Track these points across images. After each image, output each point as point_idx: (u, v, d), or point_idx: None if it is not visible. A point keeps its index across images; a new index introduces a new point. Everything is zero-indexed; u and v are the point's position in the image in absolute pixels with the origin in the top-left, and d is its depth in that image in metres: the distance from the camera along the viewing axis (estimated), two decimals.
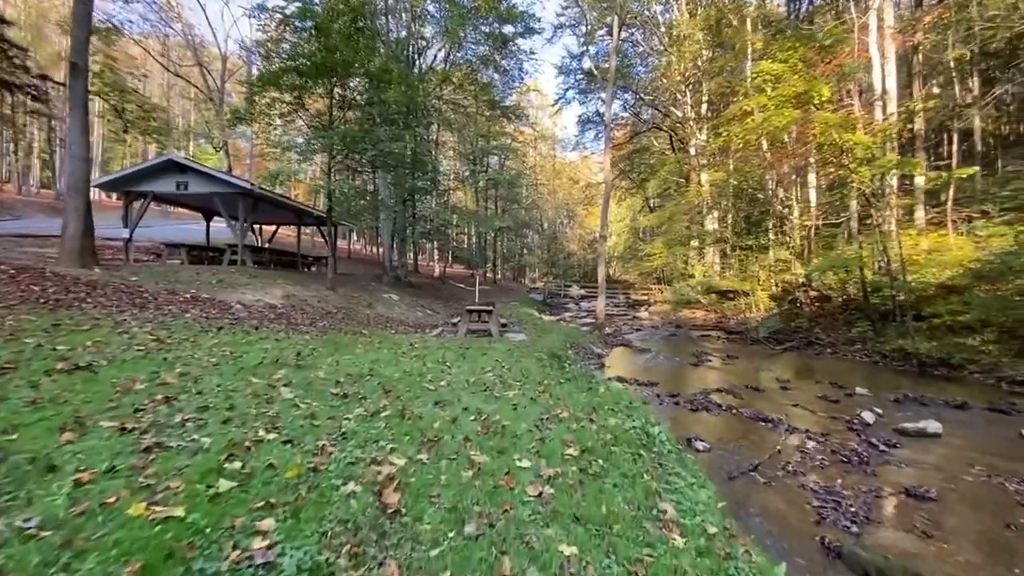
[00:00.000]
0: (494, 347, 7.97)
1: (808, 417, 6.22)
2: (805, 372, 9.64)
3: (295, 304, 10.13)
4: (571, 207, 56.16)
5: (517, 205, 43.89)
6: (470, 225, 38.00)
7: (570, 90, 31.55)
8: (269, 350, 5.28)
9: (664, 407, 6.59)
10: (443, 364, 5.84)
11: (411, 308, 14.25)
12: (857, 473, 4.43)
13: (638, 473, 2.77)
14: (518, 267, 52.21)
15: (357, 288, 14.48)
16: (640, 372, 9.35)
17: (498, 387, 4.71)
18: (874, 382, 8.53)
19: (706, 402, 6.78)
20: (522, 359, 6.84)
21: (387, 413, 3.45)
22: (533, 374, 5.64)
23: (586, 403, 4.35)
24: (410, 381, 4.59)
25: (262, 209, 14.78)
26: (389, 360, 5.68)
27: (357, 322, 10.12)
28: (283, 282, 11.76)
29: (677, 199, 23.71)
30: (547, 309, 25.02)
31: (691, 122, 25.35)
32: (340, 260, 27.79)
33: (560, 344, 10.23)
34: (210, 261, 14.40)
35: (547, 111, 48.51)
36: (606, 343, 13.17)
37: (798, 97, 10.28)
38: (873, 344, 11.82)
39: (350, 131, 11.20)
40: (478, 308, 9.85)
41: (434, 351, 6.87)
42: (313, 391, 3.84)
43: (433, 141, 26.10)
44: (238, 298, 9.34)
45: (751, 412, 6.26)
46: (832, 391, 7.69)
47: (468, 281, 28.23)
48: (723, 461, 4.67)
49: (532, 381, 5.17)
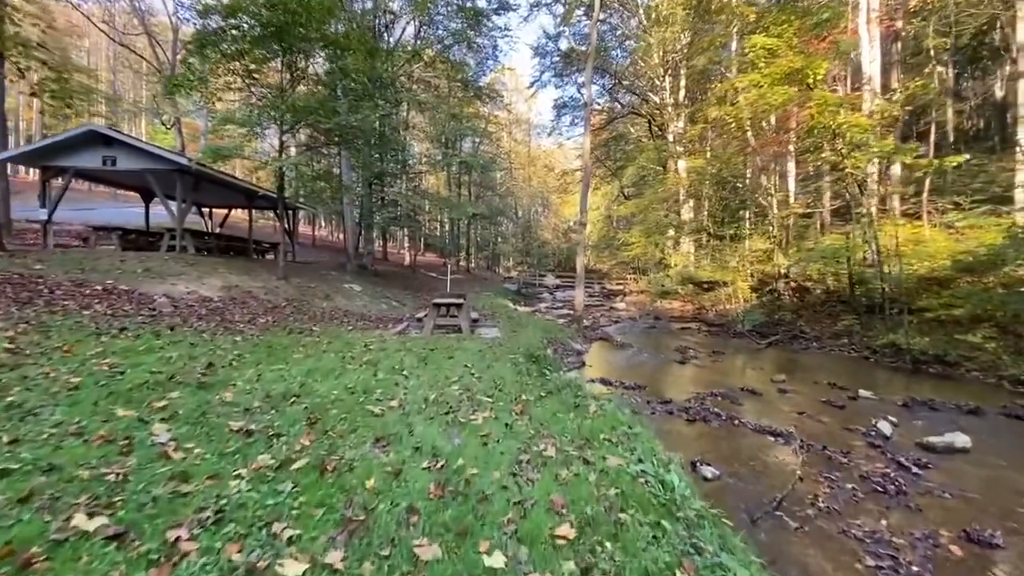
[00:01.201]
0: (464, 346, 6.99)
1: (818, 428, 5.49)
2: (798, 370, 9.02)
3: (236, 297, 8.88)
4: (546, 195, 55.34)
5: (491, 192, 42.67)
6: (442, 212, 36.68)
7: (546, 72, 30.42)
8: (172, 360, 4.15)
9: (658, 417, 5.76)
10: (399, 373, 4.83)
11: (375, 300, 13.08)
12: (899, 509, 3.67)
13: (667, 568, 1.85)
14: (492, 256, 51.13)
15: (315, 278, 13.20)
16: (625, 372, 8.54)
17: (464, 407, 3.74)
18: (873, 382, 7.94)
19: (703, 410, 5.98)
20: (495, 363, 5.88)
21: (302, 463, 2.43)
22: (508, 385, 4.69)
23: (575, 430, 3.42)
24: (350, 403, 3.57)
25: (205, 190, 13.28)
26: (332, 370, 4.63)
27: (308, 317, 8.95)
28: (226, 271, 10.43)
29: (655, 187, 23.04)
30: (522, 300, 24.12)
31: (669, 108, 24.69)
32: (303, 247, 26.14)
33: (537, 341, 9.32)
34: (148, 247, 12.87)
35: (522, 95, 47.25)
36: (585, 337, 12.35)
37: (792, 75, 9.53)
38: (860, 338, 11.38)
39: (300, 99, 9.88)
40: (446, 301, 8.83)
41: (391, 354, 5.83)
42: (206, 427, 2.78)
43: (403, 122, 24.65)
44: (165, 290, 8.03)
45: (756, 423, 5.49)
46: (833, 394, 7.03)
47: (440, 270, 27.02)
48: (738, 493, 3.85)
49: (507, 396, 4.22)
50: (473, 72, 25.85)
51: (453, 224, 35.11)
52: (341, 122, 9.89)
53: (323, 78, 13.78)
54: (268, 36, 10.07)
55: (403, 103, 22.27)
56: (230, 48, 10.74)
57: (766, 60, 9.49)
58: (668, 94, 25.01)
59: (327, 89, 12.98)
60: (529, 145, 51.14)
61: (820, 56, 9.28)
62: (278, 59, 10.78)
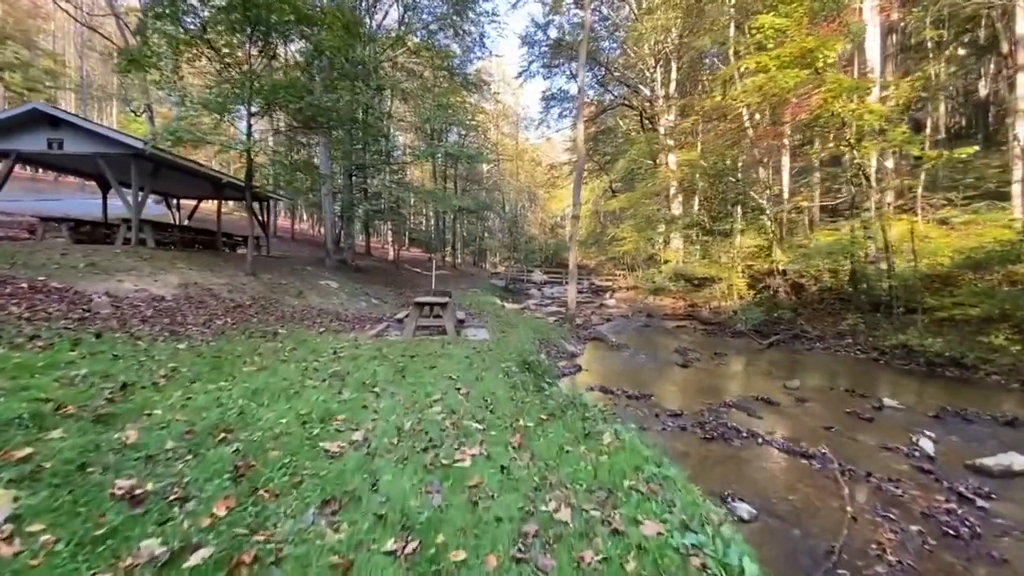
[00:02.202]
0: (449, 352, 6.20)
1: (853, 447, 4.83)
2: (808, 375, 8.42)
3: (193, 295, 7.93)
4: (533, 190, 54.62)
5: (478, 186, 41.72)
6: (428, 205, 35.63)
7: (534, 63, 29.57)
8: (77, 380, 3.29)
9: (670, 434, 5.05)
10: (370, 390, 4.02)
11: (353, 297, 12.17)
12: (982, 560, 3.00)
13: None
14: (479, 251, 50.25)
15: (288, 273, 12.24)
16: (624, 377, 7.84)
17: (448, 440, 2.96)
18: (892, 388, 7.38)
19: (720, 425, 5.29)
20: (485, 373, 5.10)
21: (201, 556, 1.62)
22: (502, 403, 3.92)
23: (591, 473, 2.67)
24: (299, 439, 2.76)
25: (167, 177, 12.20)
26: (286, 387, 3.80)
27: (275, 317, 8.05)
28: (187, 266, 9.45)
29: (648, 180, 22.41)
30: (510, 296, 23.37)
31: (661, 100, 24.07)
32: (282, 241, 24.97)
33: (529, 344, 8.57)
34: (103, 240, 11.77)
35: (509, 87, 46.31)
36: (578, 337, 11.64)
37: (802, 57, 8.87)
38: (866, 338, 10.86)
39: (268, 78, 8.93)
40: (430, 300, 8.00)
41: (364, 364, 5.01)
42: (77, 492, 1.95)
43: (386, 113, 23.64)
44: (109, 287, 7.07)
45: (782, 441, 4.81)
46: (855, 403, 6.41)
47: (426, 266, 26.07)
48: (784, 539, 3.14)
49: (501, 421, 3.45)
50: (459, 60, 24.92)
51: (439, 218, 34.14)
52: (313, 102, 8.95)
53: (298, 59, 12.79)
54: (233, 6, 9.09)
55: (386, 90, 21.27)
56: (191, 21, 9.76)
57: (775, 41, 8.81)
58: (659, 86, 24.40)
59: (302, 70, 11.99)
60: (517, 138, 50.28)
61: (832, 37, 8.62)
62: (244, 34, 9.81)
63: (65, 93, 39.91)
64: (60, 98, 38.74)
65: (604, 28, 27.75)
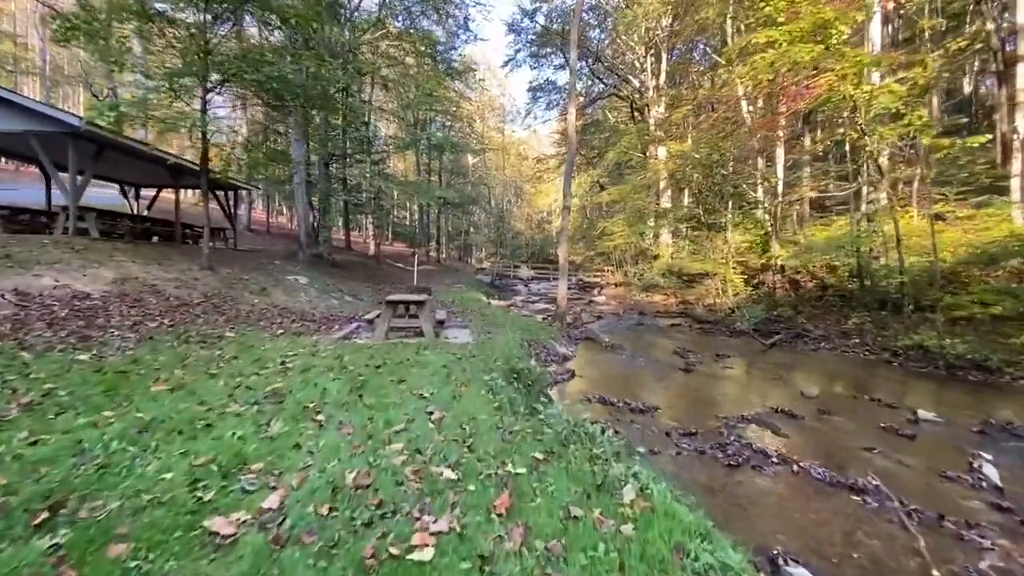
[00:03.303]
0: (424, 359, 5.27)
1: (906, 475, 4.06)
2: (823, 379, 7.69)
3: (129, 292, 6.86)
4: (519, 185, 53.73)
5: (463, 179, 40.60)
6: (411, 199, 34.42)
7: (521, 51, 28.62)
8: None
9: (688, 461, 4.21)
10: (312, 417, 3.09)
11: (323, 294, 11.14)
12: None
13: None
14: (464, 246, 49.18)
15: (252, 267, 11.14)
16: (624, 385, 7.01)
17: (407, 505, 2.04)
18: (919, 396, 6.69)
19: (742, 447, 4.48)
20: (465, 387, 4.19)
21: None
22: (484, 434, 3.02)
23: (615, 564, 1.78)
24: (177, 512, 1.82)
25: (113, 161, 10.98)
26: (193, 419, 2.85)
27: (227, 318, 7.02)
28: (128, 258, 8.34)
29: (641, 172, 21.64)
30: (495, 293, 22.47)
31: (651, 90, 23.31)
32: (257, 234, 23.65)
33: (517, 346, 7.68)
34: (44, 229, 10.57)
35: (495, 77, 45.24)
36: (569, 338, 10.79)
37: (814, 33, 8.10)
38: (874, 338, 10.22)
39: (221, 46, 7.85)
40: (403, 299, 7.05)
41: (316, 378, 4.07)
42: None
43: (367, 101, 22.47)
44: (19, 283, 5.97)
45: (823, 470, 4.01)
46: (885, 415, 5.67)
47: (409, 261, 25.00)
48: None
49: (484, 464, 2.55)
50: (443, 47, 23.84)
51: (423, 212, 32.99)
52: (273, 74, 7.89)
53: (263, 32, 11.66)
54: None
55: (365, 75, 20.11)
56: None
57: (786, 14, 8.01)
58: (649, 75, 23.64)
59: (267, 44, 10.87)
60: (503, 131, 49.25)
61: (849, 9, 7.86)
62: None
63: (29, 79, 37.66)
64: (23, 84, 36.52)
65: (594, 17, 26.87)
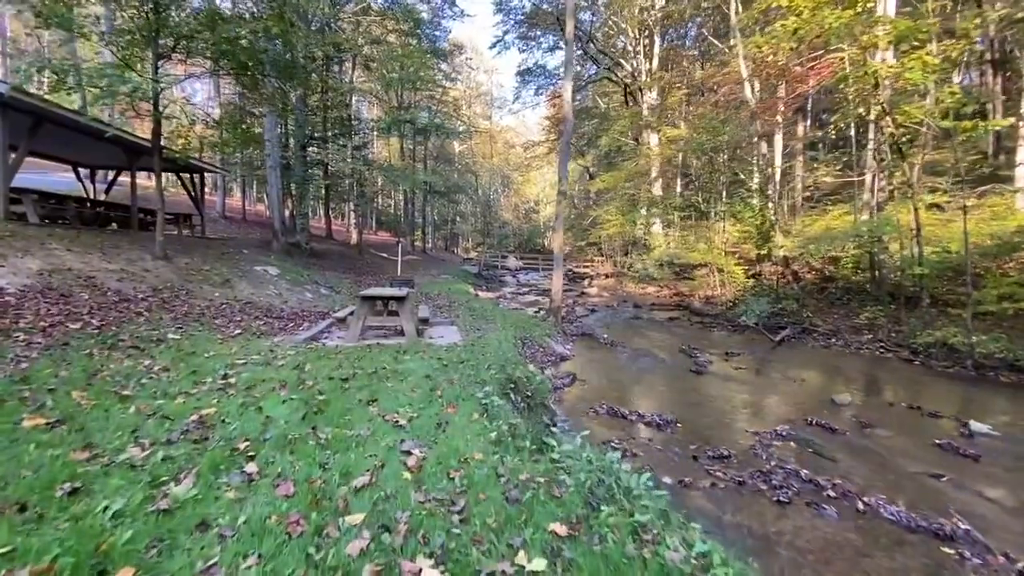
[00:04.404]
0: (403, 368, 4.41)
1: (993, 513, 3.33)
2: (847, 382, 7.03)
3: (56, 285, 5.83)
4: (506, 173, 52.59)
5: (449, 166, 39.33)
6: (396, 186, 33.11)
7: (509, 33, 27.42)
8: None
9: (727, 496, 3.43)
10: (239, 467, 2.22)
11: (296, 287, 10.14)
12: None
13: None
14: (450, 236, 48.04)
15: (215, 257, 10.08)
16: (633, 392, 6.24)
17: None
18: (960, 402, 6.03)
19: (787, 474, 3.72)
20: (454, 409, 3.35)
21: None
22: (480, 492, 2.18)
23: None
24: None
25: (55, 136, 9.77)
26: (60, 477, 1.96)
27: (177, 315, 6.04)
28: (65, 246, 7.26)
29: (632, 159, 20.85)
30: (483, 284, 21.58)
31: (644, 74, 22.47)
32: (231, 222, 22.26)
33: (511, 347, 6.84)
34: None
35: (483, 63, 43.94)
36: (565, 334, 10.00)
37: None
38: (888, 333, 9.63)
39: (169, 6, 6.76)
40: (381, 294, 6.13)
41: (259, 399, 3.18)
42: None
43: (348, 81, 21.22)
44: None
45: (896, 509, 3.25)
46: (934, 427, 4.99)
47: (393, 250, 23.88)
48: None
49: (485, 554, 1.71)
50: (428, 26, 22.65)
51: (407, 200, 31.75)
52: (228, 34, 6.82)
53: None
54: None
55: (345, 52, 18.86)
56: None
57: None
58: (643, 59, 22.77)
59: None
60: (490, 119, 47.97)
61: None
62: None
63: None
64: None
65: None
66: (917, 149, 9.29)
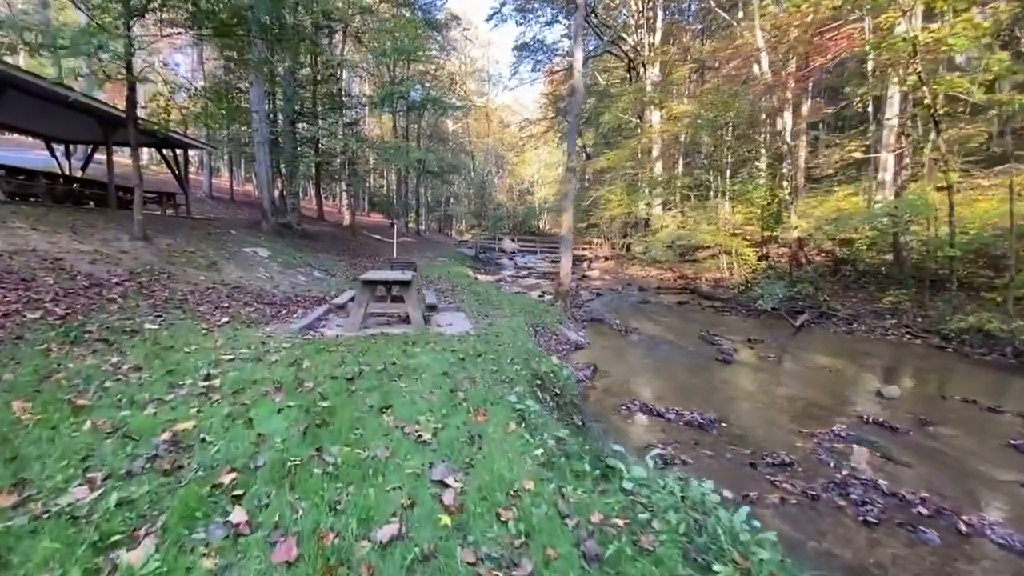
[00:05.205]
0: (415, 362, 3.84)
1: None
2: (881, 368, 6.59)
3: (18, 268, 5.17)
4: (501, 154, 51.41)
5: (443, 145, 38.21)
6: (389, 166, 32.06)
7: (507, 4, 26.25)
8: None
9: (799, 513, 2.94)
10: (223, 508, 1.64)
11: (288, 269, 9.48)
12: None
13: None
14: (444, 217, 47.10)
15: (201, 238, 9.37)
16: (661, 385, 5.74)
17: None
18: (1012, 393, 5.60)
19: (864, 486, 3.23)
20: (484, 416, 2.80)
21: None
22: (544, 543, 1.63)
23: None
24: None
25: (22, 106, 8.92)
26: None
27: (156, 302, 5.41)
28: (31, 224, 6.56)
29: (635, 137, 20.12)
30: (481, 267, 20.94)
31: (647, 48, 21.58)
32: (220, 202, 21.27)
33: (528, 339, 6.29)
34: None
35: (477, 39, 42.42)
36: (575, 320, 9.47)
37: None
38: (914, 318, 9.20)
39: None
40: (384, 278, 5.53)
41: (247, 413, 2.60)
42: None
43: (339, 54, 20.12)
44: None
45: (999, 530, 2.79)
46: (998, 424, 4.55)
47: (387, 232, 23.07)
48: None
49: None
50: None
51: (401, 180, 30.76)
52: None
53: None
54: None
55: (336, 21, 17.79)
56: None
57: None
58: (646, 31, 21.86)
59: None
60: (486, 96, 46.59)
61: None
62: None
63: None
64: None
65: None
66: (949, 124, 8.72)
